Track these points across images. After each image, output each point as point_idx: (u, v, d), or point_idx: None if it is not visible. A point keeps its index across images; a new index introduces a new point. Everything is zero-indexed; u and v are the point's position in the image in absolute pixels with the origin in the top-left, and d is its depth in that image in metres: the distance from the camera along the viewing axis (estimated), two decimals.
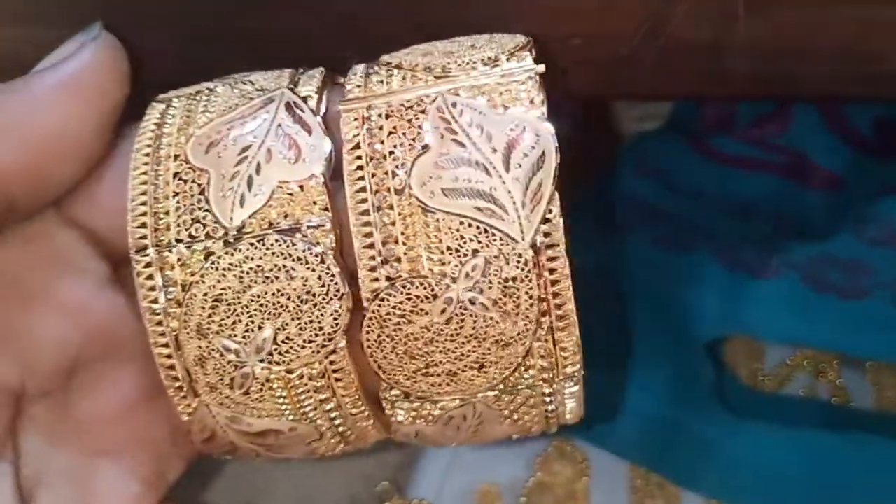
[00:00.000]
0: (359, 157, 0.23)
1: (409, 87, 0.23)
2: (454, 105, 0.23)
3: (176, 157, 0.23)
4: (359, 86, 0.24)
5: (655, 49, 0.33)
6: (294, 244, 0.22)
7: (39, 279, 0.25)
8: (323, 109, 0.24)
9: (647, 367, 0.45)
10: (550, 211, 0.22)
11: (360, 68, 0.25)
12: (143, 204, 0.23)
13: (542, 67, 0.23)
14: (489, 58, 0.23)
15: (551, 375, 0.24)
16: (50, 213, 0.26)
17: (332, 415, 0.25)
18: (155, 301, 0.23)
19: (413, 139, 0.22)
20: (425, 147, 0.22)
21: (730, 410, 0.44)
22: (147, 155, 0.24)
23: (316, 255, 0.22)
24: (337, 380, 0.24)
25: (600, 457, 0.46)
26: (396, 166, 0.22)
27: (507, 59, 0.23)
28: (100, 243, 0.26)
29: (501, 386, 0.24)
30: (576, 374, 0.25)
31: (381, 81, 0.24)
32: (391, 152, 0.23)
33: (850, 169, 0.48)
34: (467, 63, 0.23)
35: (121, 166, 0.25)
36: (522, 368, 0.24)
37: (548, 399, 0.25)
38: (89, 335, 0.25)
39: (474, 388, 0.24)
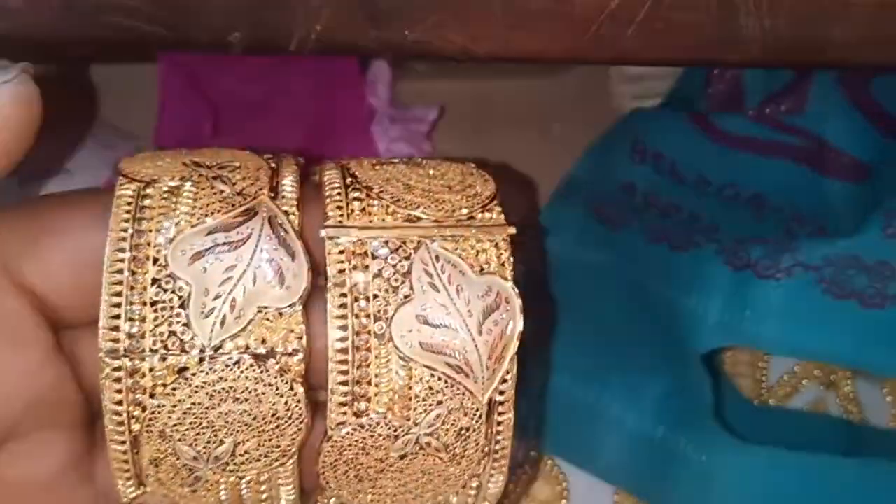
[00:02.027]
0: (343, 296, 0.24)
1: (391, 225, 0.25)
2: (437, 259, 0.25)
3: (155, 261, 0.24)
4: (339, 206, 0.25)
5: (647, 5, 0.28)
6: (267, 370, 0.24)
7: None
8: (298, 222, 0.26)
9: (637, 379, 0.42)
10: (508, 372, 0.25)
11: (336, 178, 0.26)
12: (118, 306, 0.24)
13: (513, 230, 0.26)
14: (465, 211, 0.26)
15: (476, 499, 0.27)
16: None
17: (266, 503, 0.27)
18: (119, 403, 0.24)
19: (397, 286, 0.24)
20: (408, 297, 0.24)
21: (729, 431, 0.40)
22: (122, 251, 0.24)
23: (286, 382, 0.24)
24: (280, 484, 0.26)
25: (581, 478, 0.44)
26: (379, 311, 0.24)
27: (482, 211, 0.26)
28: (44, 309, 0.25)
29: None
30: (497, 494, 0.27)
31: (364, 209, 0.25)
32: (375, 296, 0.24)
33: (877, 154, 0.43)
34: (446, 211, 0.26)
35: (77, 234, 0.25)
36: (456, 494, 0.27)
37: None
38: (29, 407, 0.25)
39: None
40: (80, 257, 0.25)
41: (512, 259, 0.26)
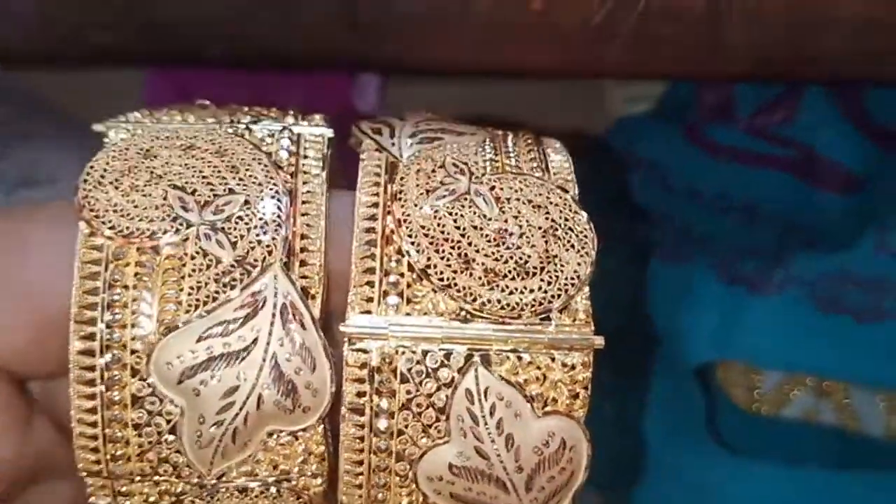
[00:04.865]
0: (360, 427, 0.20)
1: (435, 325, 0.20)
2: (486, 393, 0.19)
3: (135, 372, 0.19)
4: (370, 280, 0.20)
5: (632, 17, 0.27)
6: (280, 494, 0.20)
7: None
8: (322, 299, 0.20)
9: (628, 394, 0.40)
10: None
11: (373, 215, 0.20)
12: (94, 425, 0.20)
13: (600, 341, 0.19)
14: (540, 305, 0.19)
15: None
16: None
17: None
18: None
19: (429, 425, 0.19)
20: (441, 439, 0.20)
21: (722, 444, 0.40)
22: (91, 354, 0.19)
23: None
24: None
25: None
26: (403, 450, 0.20)
27: (563, 306, 0.19)
28: (11, 375, 0.21)
29: None
30: None
31: (401, 293, 0.20)
32: (401, 432, 0.20)
33: (869, 166, 0.42)
34: (512, 307, 0.19)
35: (33, 287, 0.20)
36: None
37: None
38: (13, 483, 0.22)
39: None
40: (42, 317, 0.20)
41: (589, 387, 0.20)
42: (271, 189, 0.20)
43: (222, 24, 0.29)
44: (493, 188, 0.21)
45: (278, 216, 0.20)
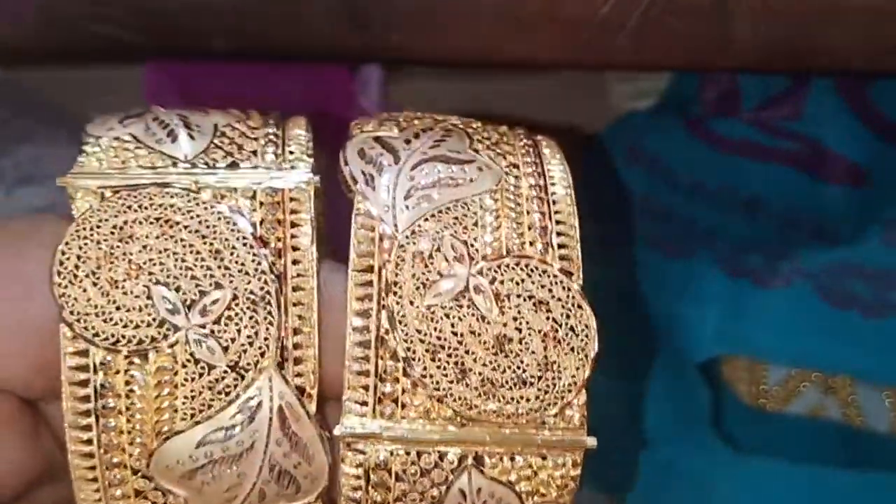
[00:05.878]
0: None
1: (429, 430, 0.20)
2: (478, 493, 0.20)
3: (136, 471, 0.20)
4: (364, 385, 0.20)
5: (639, 9, 0.27)
6: None
7: None
8: (315, 379, 0.20)
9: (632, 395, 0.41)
10: None
11: (367, 322, 0.20)
12: (99, 501, 0.20)
13: (593, 442, 0.20)
14: (535, 413, 0.20)
15: None
16: None
17: None
18: None
19: None
20: None
21: (727, 441, 0.40)
22: (90, 456, 0.20)
23: None
24: None
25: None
26: None
27: (558, 412, 0.20)
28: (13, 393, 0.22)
29: None
30: None
31: (396, 400, 0.20)
32: None
33: (876, 160, 0.42)
34: (507, 415, 0.20)
35: (20, 314, 0.20)
36: None
37: None
38: (26, 485, 0.22)
39: None
40: (44, 346, 0.20)
41: (579, 480, 0.20)
42: (259, 279, 0.20)
43: (224, 15, 0.29)
44: (493, 281, 0.20)
45: (269, 313, 0.20)
